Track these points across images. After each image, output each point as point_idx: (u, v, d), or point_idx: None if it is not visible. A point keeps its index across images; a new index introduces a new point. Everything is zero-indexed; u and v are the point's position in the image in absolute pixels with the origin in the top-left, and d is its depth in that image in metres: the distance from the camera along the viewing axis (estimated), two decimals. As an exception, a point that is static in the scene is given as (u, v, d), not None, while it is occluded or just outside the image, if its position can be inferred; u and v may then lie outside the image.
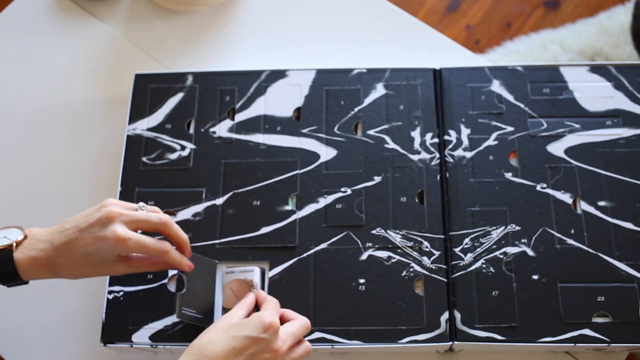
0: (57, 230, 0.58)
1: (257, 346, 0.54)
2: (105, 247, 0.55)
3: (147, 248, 0.57)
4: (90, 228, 0.56)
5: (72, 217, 0.59)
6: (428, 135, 0.69)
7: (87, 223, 0.57)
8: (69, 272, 0.57)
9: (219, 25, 0.84)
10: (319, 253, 0.65)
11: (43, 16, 0.85)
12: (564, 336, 0.60)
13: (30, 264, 0.56)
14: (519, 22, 1.54)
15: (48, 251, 0.57)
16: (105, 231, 0.55)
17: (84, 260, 0.56)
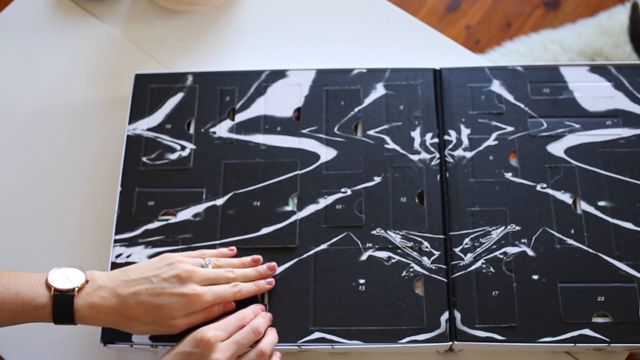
0: (120, 278, 0.58)
1: (193, 357, 0.55)
2: (180, 303, 0.57)
3: (222, 297, 0.60)
4: (164, 282, 0.57)
5: (133, 266, 0.60)
6: (428, 135, 0.69)
7: (161, 277, 0.58)
8: (126, 323, 0.57)
9: (219, 25, 0.84)
10: (319, 254, 0.65)
11: (43, 16, 0.85)
12: (564, 336, 0.60)
13: (89, 310, 0.56)
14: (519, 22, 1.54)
15: (109, 299, 0.57)
16: (183, 288, 0.58)
17: (147, 312, 0.57)
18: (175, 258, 0.60)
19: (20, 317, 0.56)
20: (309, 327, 0.62)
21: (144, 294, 0.57)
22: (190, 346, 0.56)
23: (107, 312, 0.57)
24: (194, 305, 0.58)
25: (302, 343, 0.62)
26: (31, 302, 0.55)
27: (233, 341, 0.57)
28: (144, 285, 0.57)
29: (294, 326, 0.62)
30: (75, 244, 0.72)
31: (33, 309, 0.55)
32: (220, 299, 0.60)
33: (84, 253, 0.72)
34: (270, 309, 0.63)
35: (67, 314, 0.56)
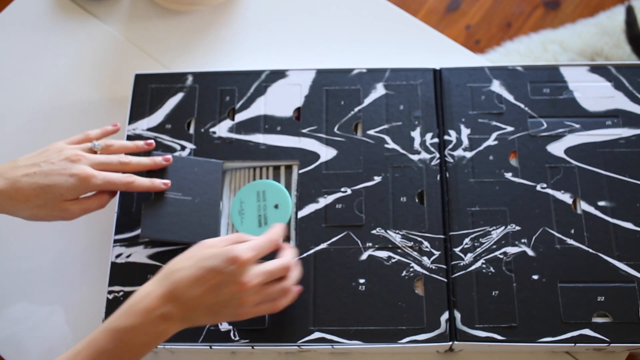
0: (8, 165, 0.59)
1: (221, 278, 0.54)
2: (69, 183, 0.58)
3: (113, 183, 0.61)
4: (53, 165, 0.58)
5: (18, 159, 0.60)
6: (428, 135, 0.69)
7: (49, 161, 0.59)
8: (16, 206, 0.58)
9: (219, 25, 0.84)
10: (319, 253, 0.65)
11: (43, 16, 0.85)
12: (564, 336, 0.60)
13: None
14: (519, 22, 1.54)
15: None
16: (73, 169, 0.59)
17: (37, 193, 0.57)
18: (62, 144, 0.62)
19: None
20: (309, 327, 0.62)
21: (33, 175, 0.58)
22: (220, 262, 0.54)
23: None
24: (85, 186, 0.59)
25: (302, 343, 0.62)
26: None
27: (264, 271, 0.56)
28: (33, 169, 0.58)
29: (294, 326, 0.62)
30: (75, 244, 0.72)
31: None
32: (111, 185, 0.61)
33: (84, 253, 0.72)
34: (270, 308, 0.63)
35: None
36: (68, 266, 0.71)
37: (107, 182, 0.60)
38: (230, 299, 0.54)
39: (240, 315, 0.56)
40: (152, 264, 0.66)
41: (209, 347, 0.62)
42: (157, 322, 0.52)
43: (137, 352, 0.52)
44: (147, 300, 0.53)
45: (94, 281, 0.69)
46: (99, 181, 0.60)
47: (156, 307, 0.52)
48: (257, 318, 0.62)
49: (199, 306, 0.54)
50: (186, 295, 0.53)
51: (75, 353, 0.51)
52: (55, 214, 0.59)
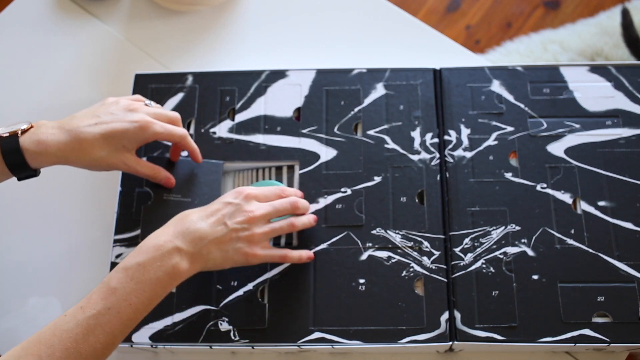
0: (67, 119, 0.60)
1: (229, 208, 0.57)
2: (131, 130, 0.60)
3: (170, 131, 0.63)
4: (114, 115, 0.60)
5: (75, 113, 0.62)
6: (428, 135, 0.69)
7: (108, 112, 0.61)
8: (79, 156, 0.59)
9: (219, 25, 0.84)
10: (319, 253, 0.65)
11: (43, 16, 0.85)
12: (564, 336, 0.60)
13: (37, 146, 0.57)
14: (519, 22, 1.54)
15: (58, 135, 0.58)
16: (134, 116, 0.61)
17: (101, 143, 0.59)
18: (117, 98, 0.64)
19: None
20: (309, 327, 0.62)
21: (95, 125, 0.59)
22: (227, 195, 0.59)
23: (58, 146, 0.58)
24: (145, 133, 0.61)
25: (302, 343, 0.62)
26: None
27: (269, 204, 0.60)
28: (94, 120, 0.60)
29: (294, 326, 0.62)
30: (75, 244, 0.72)
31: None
32: (169, 134, 0.63)
33: (84, 253, 0.72)
34: (270, 309, 0.63)
35: (15, 154, 0.57)
36: (68, 266, 0.71)
37: (166, 130, 0.62)
38: (240, 230, 0.57)
39: (250, 256, 0.58)
40: (152, 264, 0.66)
41: (209, 347, 0.62)
42: (167, 255, 0.53)
43: (151, 290, 0.53)
44: (157, 238, 0.55)
45: (94, 281, 0.69)
46: (159, 128, 0.62)
47: (166, 241, 0.54)
48: (257, 318, 0.62)
49: (208, 237, 0.55)
50: (196, 226, 0.55)
51: (90, 294, 0.52)
52: (115, 162, 0.61)
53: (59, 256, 0.72)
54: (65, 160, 0.59)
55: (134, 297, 0.51)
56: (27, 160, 0.58)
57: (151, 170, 0.65)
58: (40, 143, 0.58)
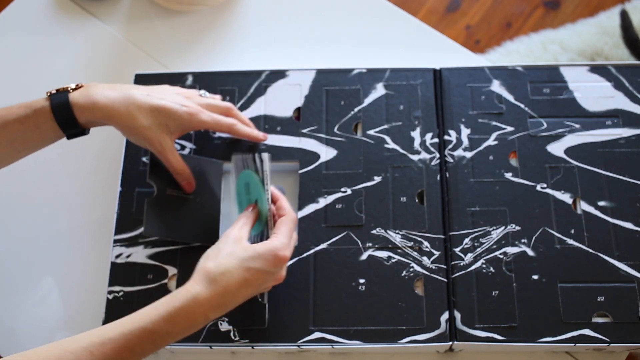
0: (121, 84, 0.62)
1: (267, 277, 0.55)
2: (180, 112, 0.61)
3: (217, 120, 0.64)
4: (167, 95, 0.62)
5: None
6: (428, 135, 0.69)
7: (162, 92, 0.62)
8: (126, 118, 0.59)
9: (219, 25, 0.84)
10: (319, 253, 0.65)
11: (43, 16, 0.85)
12: (564, 336, 0.60)
13: (86, 100, 0.58)
14: (519, 22, 1.54)
15: (108, 92, 0.59)
16: (185, 102, 0.63)
17: (150, 112, 0.60)
18: (172, 87, 0.65)
19: (26, 127, 0.58)
20: (309, 327, 0.62)
21: (147, 95, 0.61)
22: (268, 265, 0.54)
23: (107, 102, 0.59)
24: (192, 119, 0.62)
25: (302, 343, 0.62)
26: (31, 106, 0.58)
27: (291, 247, 0.58)
28: (147, 91, 0.61)
29: (294, 326, 0.62)
30: (75, 244, 0.72)
31: (33, 112, 0.58)
32: (216, 123, 0.64)
33: (84, 253, 0.72)
34: (271, 309, 0.63)
35: (65, 109, 0.58)
36: (68, 266, 0.71)
37: (213, 119, 0.63)
38: (264, 289, 0.57)
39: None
40: (152, 264, 0.66)
41: (209, 347, 0.62)
42: (199, 325, 0.52)
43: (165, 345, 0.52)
44: (193, 306, 0.51)
45: (94, 281, 0.69)
46: (206, 117, 0.63)
47: (203, 312, 0.52)
48: (257, 318, 0.62)
49: (240, 302, 0.55)
50: (234, 297, 0.53)
51: (102, 341, 0.48)
52: (154, 138, 0.61)
53: (59, 256, 0.72)
54: (110, 119, 0.59)
55: (149, 351, 0.51)
56: (76, 114, 0.58)
57: (181, 166, 0.63)
58: (89, 97, 0.58)
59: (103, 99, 0.59)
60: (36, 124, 0.58)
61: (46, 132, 0.59)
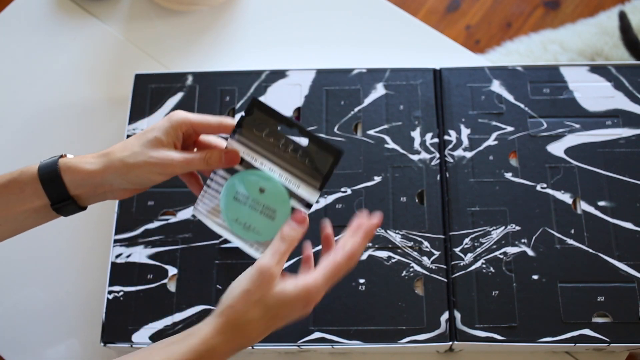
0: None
1: (292, 319, 0.50)
2: (160, 122, 0.54)
3: (206, 120, 0.55)
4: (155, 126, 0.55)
5: None
6: (428, 135, 0.69)
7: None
8: (126, 172, 0.52)
9: (219, 25, 0.84)
10: (319, 253, 0.65)
11: (43, 16, 0.85)
12: (564, 336, 0.60)
13: (76, 160, 0.53)
14: (519, 22, 1.54)
15: (97, 155, 0.53)
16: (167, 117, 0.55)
17: (134, 139, 0.53)
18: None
19: (9, 191, 0.52)
20: (309, 327, 0.62)
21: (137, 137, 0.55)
22: (297, 310, 0.50)
23: (92, 159, 0.53)
24: (173, 117, 0.55)
25: (302, 343, 0.62)
26: (19, 169, 0.54)
27: (326, 288, 0.51)
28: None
29: (294, 326, 0.62)
30: (75, 244, 0.72)
31: (20, 173, 0.53)
32: (204, 122, 0.56)
33: (84, 253, 0.72)
34: (270, 309, 0.63)
35: (52, 171, 0.52)
36: (68, 266, 0.71)
37: (201, 117, 0.55)
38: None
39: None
40: (152, 264, 0.66)
41: (209, 347, 0.62)
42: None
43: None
44: (209, 357, 0.48)
45: (94, 281, 0.69)
46: (190, 114, 0.54)
47: (218, 359, 0.48)
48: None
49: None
50: (254, 341, 0.49)
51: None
52: (146, 158, 0.52)
53: (58, 256, 0.72)
54: (102, 176, 0.53)
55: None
56: (62, 173, 0.52)
57: (184, 158, 0.53)
58: (80, 162, 0.53)
59: (88, 157, 0.54)
60: (20, 188, 0.52)
61: (30, 197, 0.53)
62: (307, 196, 0.54)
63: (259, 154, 0.55)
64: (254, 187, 0.54)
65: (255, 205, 0.54)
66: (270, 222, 0.54)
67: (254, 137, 0.54)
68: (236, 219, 0.54)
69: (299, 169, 0.54)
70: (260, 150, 0.55)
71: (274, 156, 0.54)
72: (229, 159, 0.54)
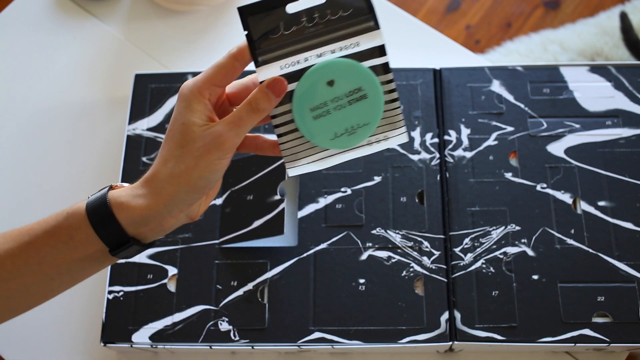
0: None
1: None
2: (187, 104, 0.44)
3: (220, 66, 0.45)
4: None
5: None
6: (428, 135, 0.69)
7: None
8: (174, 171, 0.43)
9: (219, 25, 0.84)
10: (319, 253, 0.65)
11: (43, 16, 0.85)
12: (564, 336, 0.60)
13: (131, 201, 0.43)
14: (519, 22, 1.54)
15: (141, 185, 0.44)
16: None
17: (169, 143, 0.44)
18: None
19: (57, 240, 0.43)
20: (309, 327, 0.62)
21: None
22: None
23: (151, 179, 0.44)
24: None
25: (302, 343, 0.62)
26: (65, 211, 0.44)
27: None
28: None
29: (294, 326, 0.62)
30: (75, 243, 0.72)
31: (66, 217, 0.44)
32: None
33: (84, 253, 0.72)
34: (271, 309, 0.63)
35: (103, 210, 0.43)
36: (68, 266, 0.71)
37: (211, 70, 0.46)
38: None
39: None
40: (152, 264, 0.66)
41: (209, 347, 0.62)
42: None
43: None
44: None
45: (94, 281, 0.69)
46: (201, 77, 0.46)
47: None
48: (257, 318, 0.62)
49: None
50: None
51: None
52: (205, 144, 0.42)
53: (59, 256, 0.72)
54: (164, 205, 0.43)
55: None
56: (114, 210, 0.43)
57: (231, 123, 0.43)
58: (124, 193, 0.44)
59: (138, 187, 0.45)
60: (69, 234, 0.43)
61: (82, 244, 0.43)
62: (373, 43, 0.44)
63: (296, 52, 0.43)
64: (322, 87, 0.44)
65: (338, 103, 0.44)
66: (367, 102, 0.44)
67: (275, 42, 0.43)
68: (334, 135, 0.44)
69: (342, 28, 0.44)
70: (293, 47, 0.43)
71: (310, 40, 0.43)
72: (275, 88, 0.43)
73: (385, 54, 0.43)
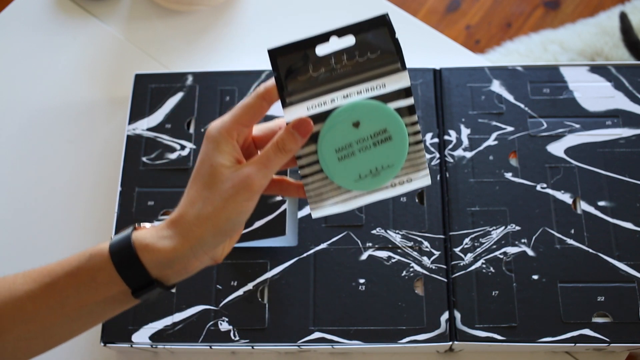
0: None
1: None
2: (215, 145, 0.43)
3: (247, 106, 0.43)
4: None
5: None
6: (428, 135, 0.69)
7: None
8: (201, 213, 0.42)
9: (219, 25, 0.84)
10: (319, 253, 0.65)
11: (43, 16, 0.85)
12: (564, 336, 0.60)
13: (156, 243, 0.43)
14: (519, 22, 1.54)
15: (167, 226, 0.43)
16: None
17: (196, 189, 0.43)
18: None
19: (79, 282, 0.43)
20: (309, 327, 0.62)
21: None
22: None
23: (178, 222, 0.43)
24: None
25: (302, 343, 0.62)
26: (87, 251, 0.44)
27: None
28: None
29: (294, 326, 0.62)
30: (76, 244, 0.72)
31: (88, 259, 0.43)
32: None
33: (84, 253, 0.72)
34: (271, 309, 0.63)
35: (127, 252, 0.42)
36: (68, 266, 0.71)
37: (238, 110, 0.44)
38: None
39: None
40: (152, 264, 0.66)
41: (209, 347, 0.62)
42: None
43: None
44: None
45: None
46: (228, 117, 0.44)
47: None
48: (257, 318, 0.62)
49: None
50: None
51: None
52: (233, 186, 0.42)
53: (59, 256, 0.72)
54: (189, 248, 0.43)
55: None
56: (139, 252, 0.42)
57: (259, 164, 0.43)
58: (149, 235, 0.43)
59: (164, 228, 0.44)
60: (91, 276, 0.43)
61: (105, 286, 0.43)
62: (399, 85, 0.44)
63: (323, 93, 0.44)
64: (347, 129, 0.44)
65: (363, 144, 0.44)
66: (391, 144, 0.44)
67: (303, 83, 0.43)
68: (359, 176, 0.45)
69: (369, 70, 0.43)
70: (320, 89, 0.44)
71: (337, 81, 0.44)
72: (301, 129, 0.43)
73: (410, 96, 0.44)
